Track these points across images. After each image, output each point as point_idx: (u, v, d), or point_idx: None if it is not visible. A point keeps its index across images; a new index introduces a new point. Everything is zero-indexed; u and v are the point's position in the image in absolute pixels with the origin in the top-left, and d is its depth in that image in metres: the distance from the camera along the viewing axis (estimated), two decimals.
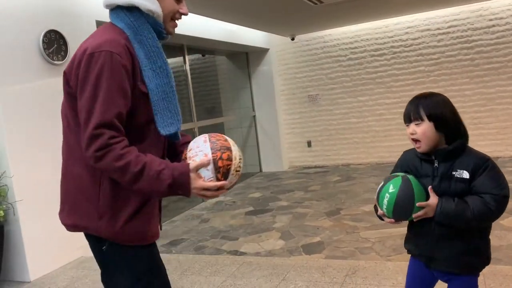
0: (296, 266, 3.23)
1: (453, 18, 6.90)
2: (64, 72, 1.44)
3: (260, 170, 8.10)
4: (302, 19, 6.33)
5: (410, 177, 1.65)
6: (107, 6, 1.48)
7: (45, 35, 3.62)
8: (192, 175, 1.37)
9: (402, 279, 2.79)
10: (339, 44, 7.64)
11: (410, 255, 1.84)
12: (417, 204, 1.60)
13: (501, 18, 6.64)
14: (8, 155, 3.37)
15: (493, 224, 1.70)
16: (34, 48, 3.58)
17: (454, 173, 1.63)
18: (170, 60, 6.72)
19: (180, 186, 1.36)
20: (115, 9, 1.46)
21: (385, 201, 1.66)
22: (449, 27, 6.93)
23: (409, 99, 1.83)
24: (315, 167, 7.96)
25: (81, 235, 1.53)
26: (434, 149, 1.66)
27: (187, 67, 6.24)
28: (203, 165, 1.38)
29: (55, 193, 3.87)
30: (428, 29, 7.05)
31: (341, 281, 2.87)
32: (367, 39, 7.44)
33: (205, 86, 8.14)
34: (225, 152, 1.41)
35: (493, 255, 3.20)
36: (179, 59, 6.32)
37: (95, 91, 1.32)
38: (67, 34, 3.82)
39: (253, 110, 8.07)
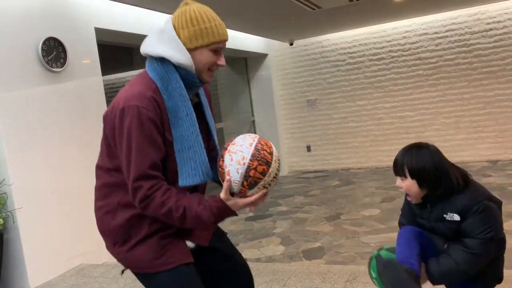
0: (296, 272, 3.21)
1: (451, 22, 6.93)
2: (103, 116, 1.48)
3: None
4: (301, 24, 6.35)
5: (382, 252, 1.74)
6: (143, 55, 1.52)
7: (44, 43, 3.62)
8: (229, 203, 1.40)
9: None
10: (338, 49, 7.66)
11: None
12: None
13: (498, 22, 6.66)
14: (8, 163, 3.37)
15: None
16: (33, 55, 3.58)
17: (445, 215, 1.68)
18: None
19: (225, 216, 1.43)
20: (149, 58, 1.49)
21: (377, 284, 1.73)
22: (447, 31, 6.96)
23: (408, 102, 1.92)
24: (315, 171, 7.96)
25: (79, 244, 1.52)
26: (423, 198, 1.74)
27: None
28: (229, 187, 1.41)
29: (54, 201, 3.87)
30: (426, 33, 7.07)
31: (341, 287, 2.86)
32: (365, 44, 7.47)
33: None
34: (262, 165, 1.38)
35: None
36: None
37: (128, 146, 1.39)
38: (66, 41, 3.83)
39: (252, 115, 8.08)
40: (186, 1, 1.50)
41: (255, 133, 8.02)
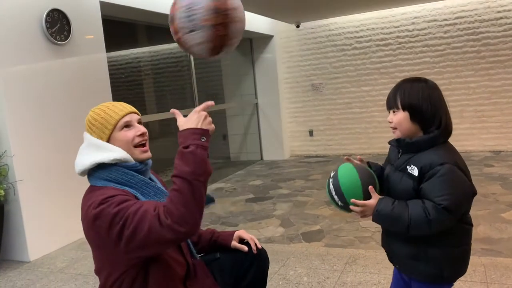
0: (296, 253, 3.22)
1: (460, 9, 6.82)
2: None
3: (261, 158, 8.09)
4: (308, 6, 6.26)
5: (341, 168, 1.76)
6: (81, 174, 1.56)
7: (48, 14, 3.57)
8: (187, 119, 1.42)
9: None
10: (344, 33, 7.57)
11: None
12: (351, 201, 1.60)
13: (509, 10, 6.56)
14: (9, 135, 3.36)
15: (494, 216, 1.64)
16: (37, 28, 3.54)
17: (408, 167, 1.57)
18: (174, 45, 6.68)
19: (201, 135, 1.39)
20: (88, 174, 1.54)
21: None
22: (456, 18, 6.86)
23: None
24: (316, 156, 7.95)
25: (79, 218, 1.50)
26: (408, 138, 1.61)
27: None
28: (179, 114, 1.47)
29: (56, 174, 3.86)
30: (435, 20, 6.97)
31: (341, 269, 2.87)
32: (372, 29, 7.37)
33: (208, 72, 8.09)
34: None
35: (494, 247, 3.19)
36: None
37: (124, 228, 1.35)
38: (70, 13, 3.78)
39: (256, 97, 8.03)
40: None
41: (257, 115, 8.04)
